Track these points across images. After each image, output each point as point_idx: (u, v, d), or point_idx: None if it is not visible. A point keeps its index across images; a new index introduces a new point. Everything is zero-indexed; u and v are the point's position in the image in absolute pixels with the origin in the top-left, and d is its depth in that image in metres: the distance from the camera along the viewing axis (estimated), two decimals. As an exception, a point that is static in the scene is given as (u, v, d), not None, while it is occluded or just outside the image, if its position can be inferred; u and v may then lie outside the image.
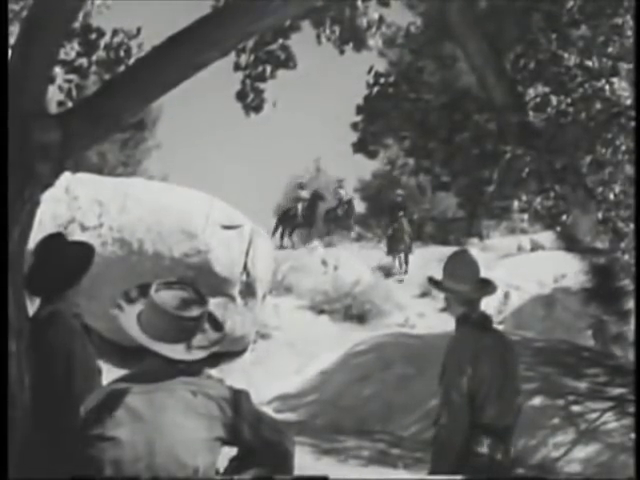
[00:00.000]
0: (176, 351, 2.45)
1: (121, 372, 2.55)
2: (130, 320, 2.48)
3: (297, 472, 2.59)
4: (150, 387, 2.43)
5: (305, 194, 21.11)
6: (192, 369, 2.50)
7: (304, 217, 20.26)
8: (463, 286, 3.58)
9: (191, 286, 2.56)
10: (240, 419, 2.46)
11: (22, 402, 3.34)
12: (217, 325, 2.59)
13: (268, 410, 7.98)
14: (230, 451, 2.56)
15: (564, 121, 7.58)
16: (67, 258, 3.46)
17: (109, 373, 3.28)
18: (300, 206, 20.48)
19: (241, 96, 7.55)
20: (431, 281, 3.80)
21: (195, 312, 2.48)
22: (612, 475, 7.12)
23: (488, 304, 3.74)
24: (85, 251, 3.60)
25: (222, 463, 2.53)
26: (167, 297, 2.47)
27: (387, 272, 17.25)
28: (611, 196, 7.78)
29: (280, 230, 20.36)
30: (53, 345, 3.30)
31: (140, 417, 2.38)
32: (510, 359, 3.63)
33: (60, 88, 6.43)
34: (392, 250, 17.99)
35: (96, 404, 2.44)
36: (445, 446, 3.46)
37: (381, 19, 7.54)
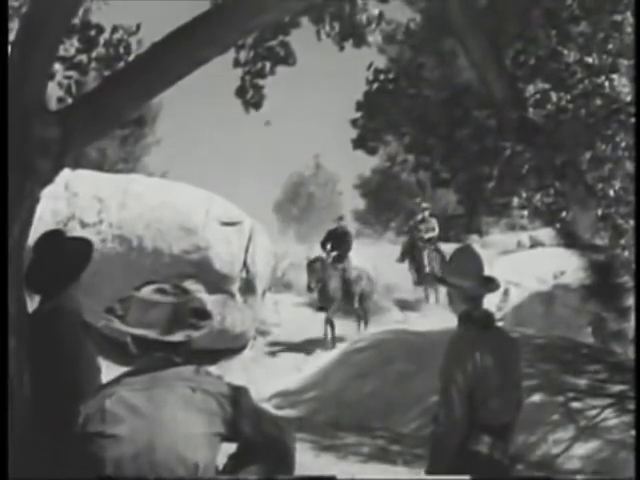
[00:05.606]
0: (175, 336, 2.50)
1: (121, 369, 2.55)
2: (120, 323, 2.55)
3: (296, 468, 2.59)
4: (149, 384, 2.44)
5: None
6: (190, 363, 2.54)
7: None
8: (466, 282, 3.57)
9: (167, 281, 2.65)
10: (240, 415, 2.48)
11: (22, 399, 3.34)
12: (204, 314, 2.62)
13: (268, 407, 7.98)
14: (229, 448, 2.56)
15: (564, 117, 7.58)
16: (66, 254, 3.46)
17: (109, 369, 3.29)
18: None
19: (241, 92, 7.56)
20: (435, 277, 3.81)
21: (177, 299, 2.55)
22: (612, 472, 7.12)
23: (488, 301, 3.73)
24: (84, 247, 3.60)
25: (221, 460, 2.54)
26: (150, 292, 2.56)
27: (412, 307, 13.90)
28: (611, 193, 7.77)
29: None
30: (55, 341, 3.29)
31: (140, 413, 2.39)
32: (511, 357, 3.62)
33: (60, 84, 6.45)
34: (421, 279, 13.66)
35: (96, 402, 2.44)
36: (443, 443, 3.46)
37: (381, 15, 7.54)
